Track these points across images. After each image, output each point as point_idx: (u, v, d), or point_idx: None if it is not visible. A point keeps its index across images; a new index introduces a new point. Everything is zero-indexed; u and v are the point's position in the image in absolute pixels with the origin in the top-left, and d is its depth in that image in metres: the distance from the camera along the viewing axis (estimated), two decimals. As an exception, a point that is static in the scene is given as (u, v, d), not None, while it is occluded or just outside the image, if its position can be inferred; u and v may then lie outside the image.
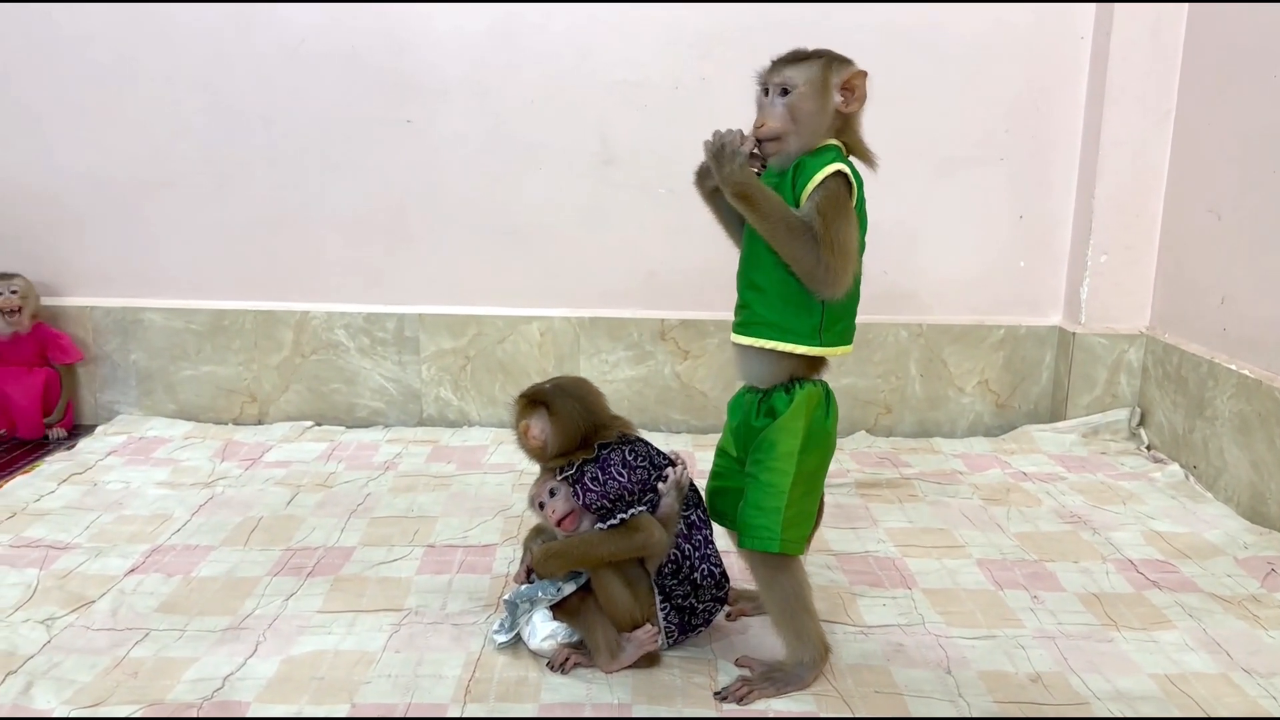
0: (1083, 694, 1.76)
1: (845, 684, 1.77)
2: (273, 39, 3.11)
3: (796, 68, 1.68)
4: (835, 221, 1.63)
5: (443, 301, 3.30)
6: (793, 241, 1.64)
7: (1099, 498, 2.71)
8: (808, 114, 1.68)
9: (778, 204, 1.65)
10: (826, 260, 1.62)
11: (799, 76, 1.67)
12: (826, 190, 1.64)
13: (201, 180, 3.21)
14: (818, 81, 1.67)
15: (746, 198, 1.64)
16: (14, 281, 3.13)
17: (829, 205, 1.63)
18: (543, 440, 1.83)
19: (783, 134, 1.68)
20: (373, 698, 1.71)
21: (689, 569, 1.80)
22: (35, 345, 3.17)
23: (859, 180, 1.70)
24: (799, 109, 1.67)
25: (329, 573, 2.19)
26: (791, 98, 1.67)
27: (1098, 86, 3.09)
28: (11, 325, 3.12)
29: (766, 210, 1.64)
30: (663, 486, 1.82)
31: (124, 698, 1.70)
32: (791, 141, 1.69)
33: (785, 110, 1.68)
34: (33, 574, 2.15)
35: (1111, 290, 3.18)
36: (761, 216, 1.65)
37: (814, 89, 1.67)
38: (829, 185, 1.64)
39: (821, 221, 1.62)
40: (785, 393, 1.74)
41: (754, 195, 1.64)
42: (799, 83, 1.67)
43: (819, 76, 1.67)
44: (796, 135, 1.68)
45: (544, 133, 3.18)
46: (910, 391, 3.29)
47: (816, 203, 1.63)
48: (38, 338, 3.18)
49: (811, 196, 1.64)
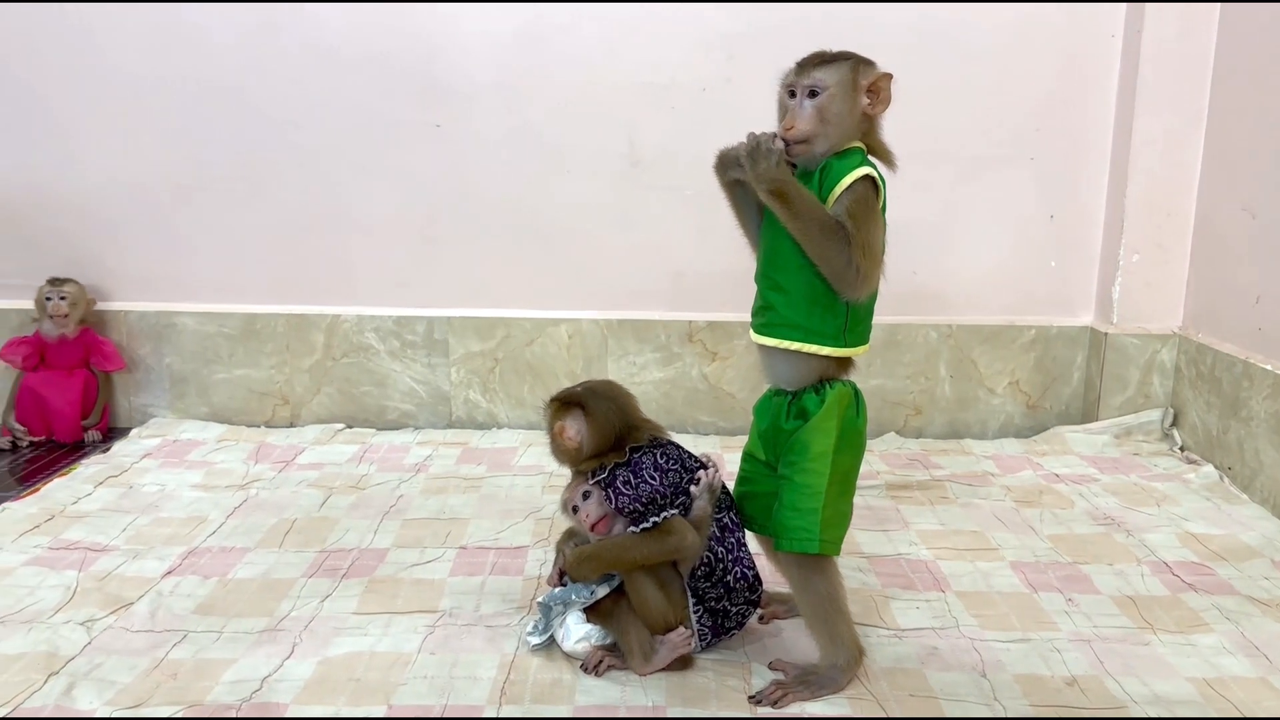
0: (1120, 698, 1.75)
1: (880, 687, 1.77)
2: (303, 44, 3.13)
3: (826, 69, 1.68)
4: (865, 224, 1.63)
5: (471, 304, 3.32)
6: (826, 241, 1.64)
7: (1132, 499, 2.69)
8: (837, 116, 1.68)
9: (812, 203, 1.65)
10: (857, 262, 1.62)
11: (829, 78, 1.67)
12: (855, 194, 1.64)
13: (233, 185, 3.24)
14: (847, 83, 1.67)
15: (781, 195, 1.64)
16: (65, 287, 3.17)
17: (859, 208, 1.63)
18: (577, 442, 1.83)
19: (811, 136, 1.68)
20: (409, 699, 1.73)
21: (722, 571, 1.81)
22: (80, 350, 3.21)
23: (883, 183, 1.70)
24: (828, 111, 1.67)
25: (363, 574, 2.21)
26: (821, 99, 1.67)
27: (1129, 85, 3.07)
28: (59, 328, 3.16)
29: (800, 209, 1.64)
30: (695, 489, 1.82)
31: (164, 699, 1.72)
32: (819, 143, 1.69)
33: (814, 112, 1.67)
34: (72, 576, 2.18)
35: (1143, 290, 3.15)
36: (795, 214, 1.65)
37: (843, 90, 1.67)
38: (857, 189, 1.64)
39: (853, 224, 1.62)
40: (816, 394, 1.74)
41: (789, 193, 1.64)
42: (829, 84, 1.67)
43: (848, 78, 1.67)
44: (825, 137, 1.68)
45: (572, 135, 3.19)
46: (940, 392, 3.28)
47: (846, 205, 1.64)
48: (83, 343, 3.21)
49: (840, 199, 1.65)
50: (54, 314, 3.15)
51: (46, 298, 3.15)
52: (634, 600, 1.81)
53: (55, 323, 3.16)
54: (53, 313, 3.15)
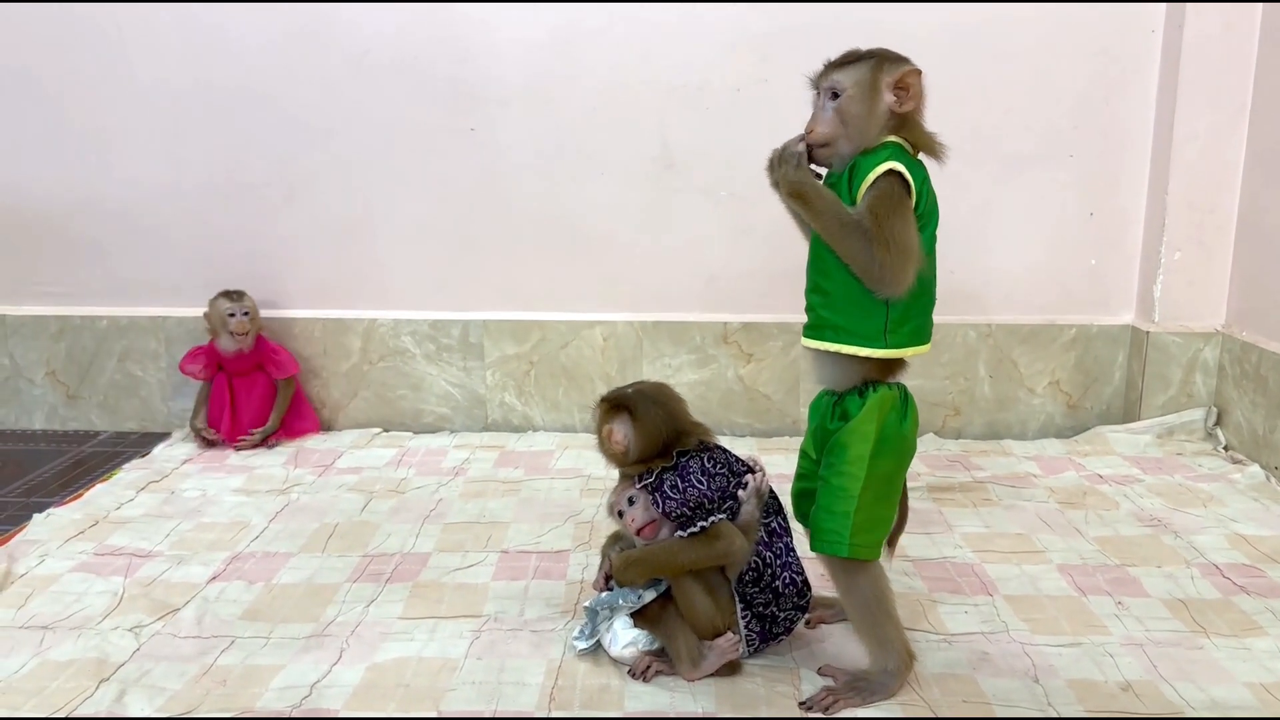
0: (1176, 703, 1.72)
1: (931, 693, 1.75)
2: (338, 51, 3.15)
3: (844, 71, 1.67)
4: (888, 219, 1.60)
5: (506, 307, 3.32)
6: (846, 239, 1.63)
7: (1178, 500, 2.65)
8: (856, 117, 1.66)
9: (831, 202, 1.65)
10: (881, 258, 1.60)
11: (847, 80, 1.66)
12: (878, 189, 1.62)
13: (269, 191, 3.26)
14: (866, 83, 1.65)
15: (800, 196, 1.65)
16: (244, 302, 3.18)
17: (880, 203, 1.61)
18: (625, 445, 1.83)
19: (832, 139, 1.68)
20: (458, 705, 1.72)
21: (770, 577, 1.79)
22: (255, 358, 3.22)
23: (923, 174, 1.67)
24: (847, 112, 1.66)
25: (407, 579, 2.21)
26: (840, 101, 1.66)
27: (1170, 81, 3.03)
28: (237, 344, 3.17)
29: (820, 208, 1.65)
30: (743, 494, 1.81)
31: (214, 706, 1.72)
32: (842, 145, 1.68)
33: (834, 115, 1.67)
34: (118, 582, 2.19)
35: (1185, 288, 3.11)
36: (815, 214, 1.66)
37: (862, 91, 1.65)
38: (880, 184, 1.62)
39: (873, 219, 1.60)
40: (858, 396, 1.73)
41: (807, 194, 1.65)
42: (847, 86, 1.66)
43: (867, 78, 1.65)
44: (846, 139, 1.67)
45: (605, 138, 3.18)
46: (979, 393, 3.25)
47: (868, 202, 1.62)
48: (258, 352, 3.22)
49: (865, 197, 1.63)
50: (236, 331, 3.15)
51: (229, 314, 3.15)
52: (681, 605, 1.81)
53: (235, 339, 3.16)
54: (235, 330, 3.15)
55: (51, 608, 2.07)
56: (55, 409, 3.42)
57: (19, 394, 3.43)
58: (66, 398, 3.40)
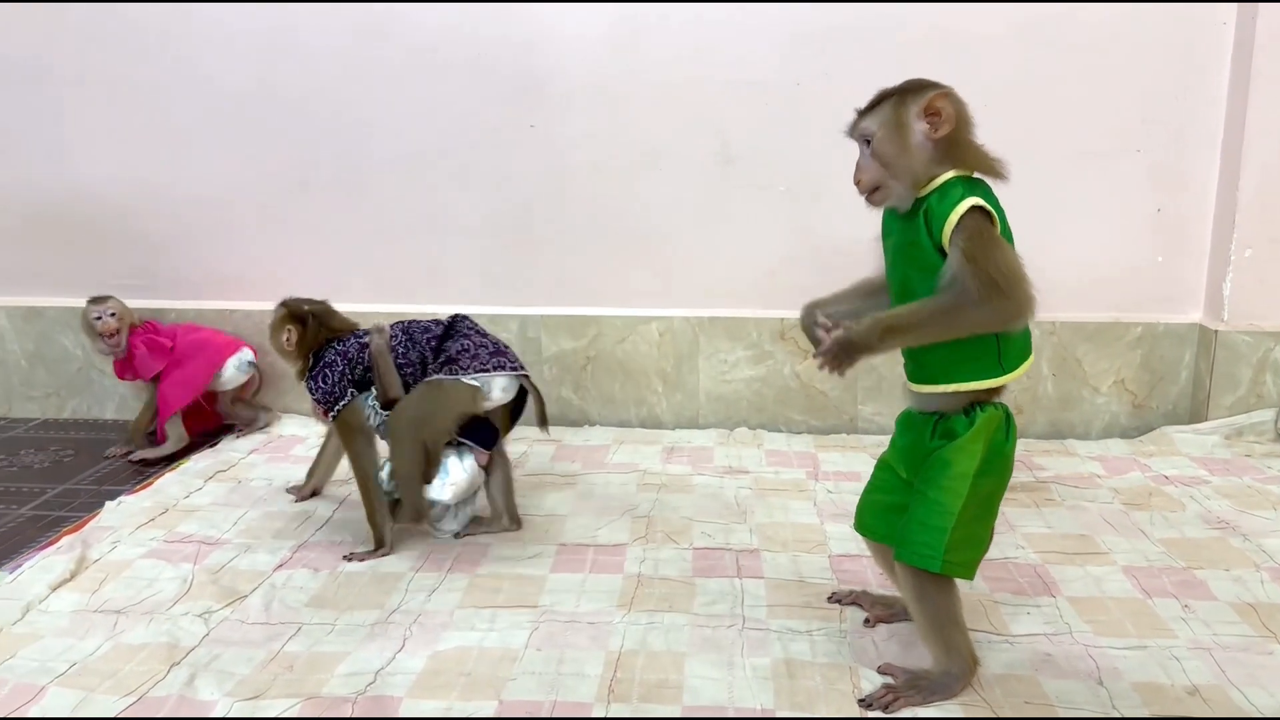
0: (1246, 709, 1.69)
1: (993, 694, 1.73)
2: (401, 49, 3.19)
3: (869, 116, 1.65)
4: (989, 257, 1.53)
5: (564, 303, 3.34)
6: (958, 321, 1.57)
7: (1247, 502, 2.59)
8: (893, 156, 1.62)
9: (918, 310, 1.59)
10: (996, 303, 1.53)
11: (873, 124, 1.63)
12: (966, 230, 1.55)
13: (334, 189, 3.32)
14: (891, 123, 1.61)
15: (890, 332, 1.58)
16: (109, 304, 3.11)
17: (974, 245, 1.54)
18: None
19: (879, 183, 1.64)
20: (519, 694, 1.74)
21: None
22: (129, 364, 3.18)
23: (992, 196, 1.62)
24: (883, 154, 1.63)
25: (467, 569, 2.24)
26: (874, 146, 1.64)
27: (1241, 75, 2.96)
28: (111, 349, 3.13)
29: (916, 324, 1.58)
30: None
31: (282, 690, 1.76)
32: (893, 185, 1.64)
33: (873, 160, 1.64)
34: (187, 569, 2.25)
35: (1256, 286, 3.04)
36: (919, 333, 1.61)
37: (890, 131, 1.62)
38: (966, 224, 1.55)
39: (973, 266, 1.53)
40: (965, 415, 1.68)
41: (895, 326, 1.59)
42: (874, 130, 1.63)
43: (890, 118, 1.62)
44: (894, 179, 1.63)
45: (664, 133, 3.19)
46: (1042, 391, 3.20)
47: (961, 248, 1.55)
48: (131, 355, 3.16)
49: (953, 243, 1.56)
50: (103, 332, 3.09)
51: (95, 317, 3.08)
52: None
53: (108, 344, 3.11)
54: (102, 331, 3.09)
55: (124, 593, 2.13)
56: (126, 399, 3.51)
57: (91, 384, 3.54)
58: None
